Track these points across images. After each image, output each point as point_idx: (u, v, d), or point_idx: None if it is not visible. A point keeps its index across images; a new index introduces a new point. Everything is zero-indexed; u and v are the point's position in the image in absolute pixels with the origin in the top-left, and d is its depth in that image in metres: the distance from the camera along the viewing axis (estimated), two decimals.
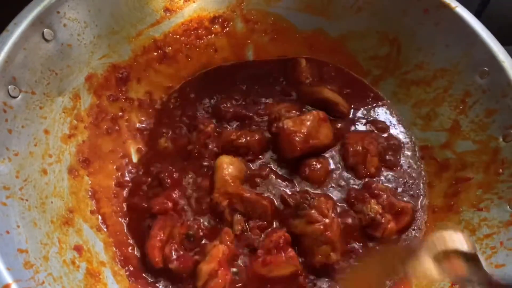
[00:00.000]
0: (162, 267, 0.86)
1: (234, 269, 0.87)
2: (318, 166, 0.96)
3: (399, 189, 0.98)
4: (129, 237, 0.94)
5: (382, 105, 1.09)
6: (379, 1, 1.04)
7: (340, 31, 1.11)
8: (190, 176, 0.98)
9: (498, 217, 0.83)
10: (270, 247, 0.85)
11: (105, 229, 0.91)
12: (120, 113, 1.04)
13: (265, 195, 0.94)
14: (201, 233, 0.91)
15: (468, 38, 0.92)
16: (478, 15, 1.08)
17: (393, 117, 1.07)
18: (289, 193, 0.94)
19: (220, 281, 0.82)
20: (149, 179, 0.99)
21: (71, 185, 0.90)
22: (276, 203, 0.93)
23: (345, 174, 0.98)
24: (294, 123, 0.95)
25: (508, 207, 0.82)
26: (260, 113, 1.06)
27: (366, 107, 1.09)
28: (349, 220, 0.91)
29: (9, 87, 0.79)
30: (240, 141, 0.98)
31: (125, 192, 0.98)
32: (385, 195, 0.92)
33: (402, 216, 0.91)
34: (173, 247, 0.87)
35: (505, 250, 0.79)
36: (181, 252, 0.87)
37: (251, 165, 0.98)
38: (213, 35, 1.13)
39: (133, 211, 0.96)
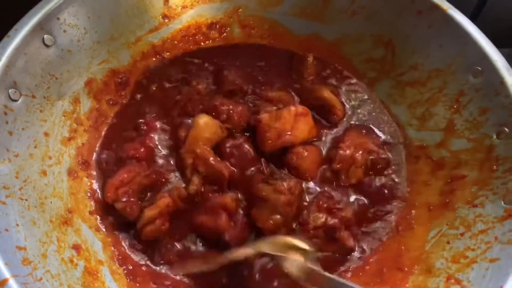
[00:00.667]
0: (111, 205, 0.90)
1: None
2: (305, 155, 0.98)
3: (369, 211, 0.98)
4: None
5: (379, 108, 1.10)
6: (373, 5, 1.05)
7: (335, 35, 1.12)
8: (168, 126, 1.02)
9: (493, 212, 0.83)
10: (207, 210, 0.90)
11: (104, 229, 0.92)
12: None
13: (234, 166, 0.96)
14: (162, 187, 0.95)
15: (461, 39, 0.93)
16: (473, 18, 1.10)
17: (387, 121, 1.08)
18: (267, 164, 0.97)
19: (155, 228, 0.88)
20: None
21: (70, 186, 0.92)
22: (237, 173, 0.95)
23: (327, 173, 0.99)
24: (270, 117, 0.96)
25: (502, 202, 0.83)
26: (255, 91, 1.07)
27: (364, 111, 1.09)
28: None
29: (10, 90, 0.81)
30: (222, 107, 1.00)
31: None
32: (337, 220, 0.92)
33: (336, 245, 0.92)
34: (127, 191, 0.90)
35: (499, 245, 0.79)
36: (132, 199, 0.90)
37: (234, 136, 0.99)
38: (211, 41, 1.14)
39: (108, 153, 0.99)
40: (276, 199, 0.88)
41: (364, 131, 1.05)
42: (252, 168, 0.96)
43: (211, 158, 0.93)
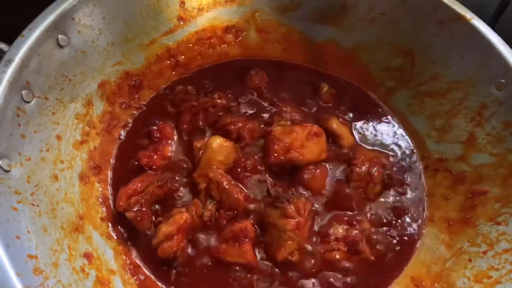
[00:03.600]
0: (122, 214, 0.89)
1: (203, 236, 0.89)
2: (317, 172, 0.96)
3: (391, 224, 0.95)
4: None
5: (396, 124, 1.08)
6: (393, 13, 1.03)
7: (353, 42, 1.11)
8: (181, 133, 1.00)
9: None
10: (228, 236, 0.87)
11: (115, 237, 0.90)
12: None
13: (248, 188, 0.94)
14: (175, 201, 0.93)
15: (483, 50, 0.91)
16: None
17: (404, 136, 1.06)
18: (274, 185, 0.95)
19: (173, 245, 0.84)
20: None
21: (82, 192, 0.89)
22: (251, 198, 0.93)
23: (345, 190, 0.96)
24: (283, 131, 0.95)
25: None
26: (274, 102, 1.06)
27: (378, 126, 1.07)
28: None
29: (23, 92, 0.79)
30: (231, 127, 0.98)
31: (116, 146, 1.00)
32: (358, 232, 0.90)
33: (357, 257, 0.90)
34: (139, 200, 0.88)
35: None
36: (144, 209, 0.88)
37: (245, 154, 0.97)
38: (226, 45, 1.13)
39: (122, 160, 0.98)
40: (285, 224, 0.86)
41: (375, 145, 1.04)
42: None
43: (225, 183, 0.90)
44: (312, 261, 0.89)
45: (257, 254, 0.89)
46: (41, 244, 0.74)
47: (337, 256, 0.89)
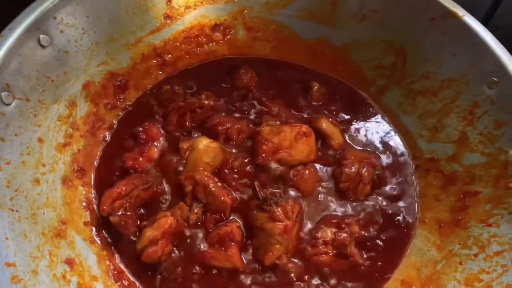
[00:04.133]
0: (105, 217, 0.87)
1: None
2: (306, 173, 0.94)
3: (381, 226, 0.93)
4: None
5: (387, 123, 1.07)
6: (384, 10, 1.02)
7: (344, 39, 1.09)
8: (168, 134, 0.98)
9: (508, 233, 0.80)
10: (214, 241, 0.86)
11: (99, 242, 0.88)
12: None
13: (235, 190, 0.92)
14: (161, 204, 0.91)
15: (476, 48, 0.90)
16: (483, 24, 1.06)
17: (395, 136, 1.05)
18: (262, 187, 0.92)
19: (158, 250, 0.83)
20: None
21: (64, 196, 0.88)
22: (238, 200, 0.91)
23: (332, 192, 0.95)
24: (271, 131, 0.93)
25: None
26: (263, 101, 1.04)
27: (369, 126, 1.06)
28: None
29: (2, 93, 0.78)
30: (220, 127, 0.96)
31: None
32: (346, 235, 0.88)
33: (346, 261, 0.88)
34: (124, 204, 0.86)
35: None
36: (129, 213, 0.86)
37: (233, 155, 0.95)
38: (214, 43, 1.11)
39: (106, 163, 0.96)
40: (272, 228, 0.84)
41: (365, 145, 1.03)
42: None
43: (212, 185, 0.88)
44: (300, 265, 0.87)
45: (244, 258, 0.87)
46: (20, 251, 0.73)
47: (326, 260, 0.87)
